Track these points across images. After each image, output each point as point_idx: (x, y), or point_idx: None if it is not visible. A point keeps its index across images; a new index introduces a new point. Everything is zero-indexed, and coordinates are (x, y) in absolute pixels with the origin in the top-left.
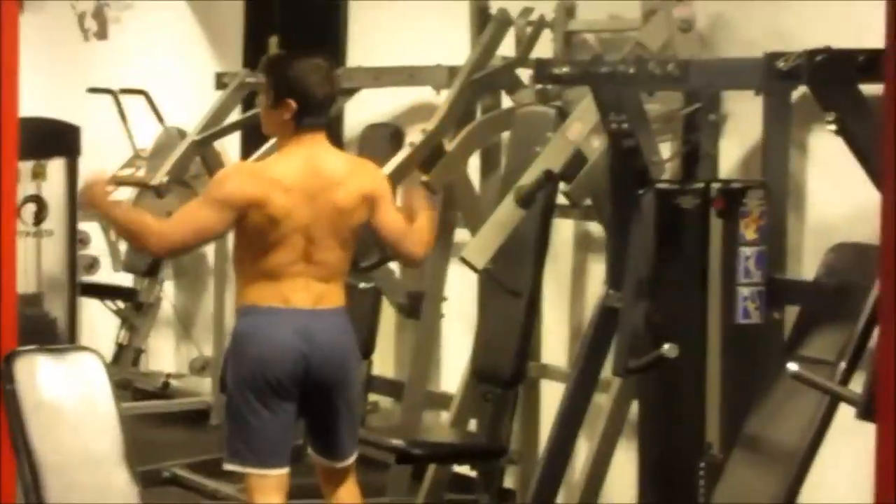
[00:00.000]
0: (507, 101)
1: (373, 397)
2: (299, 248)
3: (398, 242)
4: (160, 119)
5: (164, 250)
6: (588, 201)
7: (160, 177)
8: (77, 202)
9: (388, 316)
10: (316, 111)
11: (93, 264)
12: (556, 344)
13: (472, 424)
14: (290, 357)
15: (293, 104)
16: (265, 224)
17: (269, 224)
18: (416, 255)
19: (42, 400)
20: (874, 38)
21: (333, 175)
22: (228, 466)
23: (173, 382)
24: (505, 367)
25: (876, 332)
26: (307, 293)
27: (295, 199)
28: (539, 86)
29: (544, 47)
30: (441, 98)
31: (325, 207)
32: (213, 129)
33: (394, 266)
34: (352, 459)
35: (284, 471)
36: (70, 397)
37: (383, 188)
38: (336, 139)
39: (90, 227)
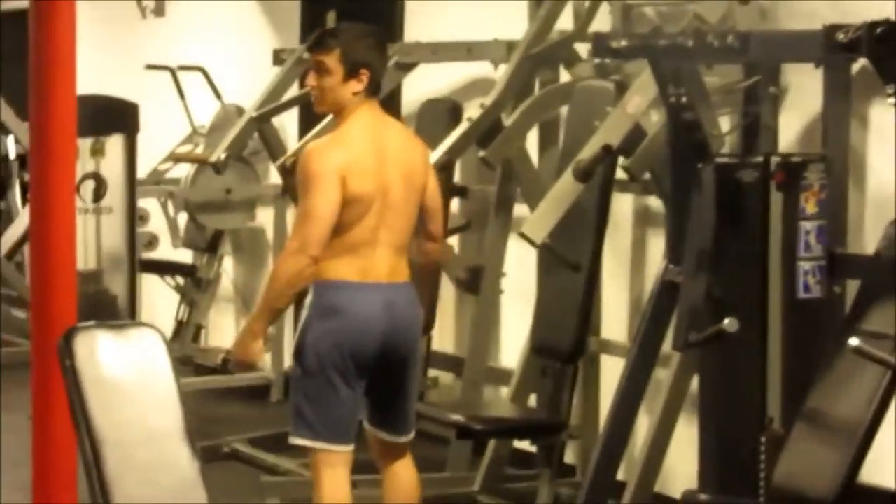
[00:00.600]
0: (565, 76)
1: (433, 373)
2: (377, 217)
3: (433, 214)
4: (218, 96)
5: (314, 253)
6: (647, 175)
7: (219, 153)
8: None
9: (447, 291)
10: (380, 79)
11: (152, 241)
12: (615, 319)
13: (532, 400)
14: (373, 332)
15: (367, 74)
16: (350, 194)
17: (354, 193)
18: (439, 235)
19: (102, 376)
20: None
21: (400, 140)
22: (297, 441)
23: None
24: (564, 342)
25: None
26: (384, 266)
27: (373, 165)
28: (597, 60)
29: (602, 21)
30: (499, 73)
31: (398, 171)
32: (272, 105)
33: (453, 241)
34: (412, 434)
35: (352, 447)
36: (130, 373)
37: (429, 156)
38: (394, 115)
39: (149, 204)
